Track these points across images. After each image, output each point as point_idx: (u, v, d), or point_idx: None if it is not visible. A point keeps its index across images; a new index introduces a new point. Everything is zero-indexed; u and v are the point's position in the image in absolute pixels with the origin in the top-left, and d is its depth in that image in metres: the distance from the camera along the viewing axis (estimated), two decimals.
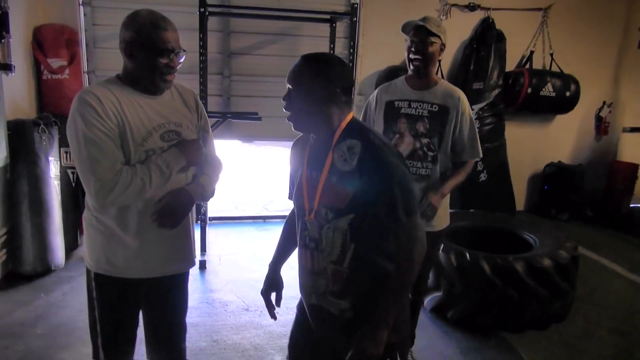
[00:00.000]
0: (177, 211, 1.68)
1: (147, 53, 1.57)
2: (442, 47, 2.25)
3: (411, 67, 2.27)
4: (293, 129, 1.51)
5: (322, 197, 1.47)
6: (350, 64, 4.04)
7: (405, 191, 1.40)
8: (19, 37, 3.69)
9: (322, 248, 1.49)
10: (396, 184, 1.39)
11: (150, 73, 1.61)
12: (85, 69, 4.28)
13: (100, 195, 1.52)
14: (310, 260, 1.55)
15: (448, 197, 2.38)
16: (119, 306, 1.77)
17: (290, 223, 1.76)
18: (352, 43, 3.97)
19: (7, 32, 1.91)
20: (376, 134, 1.50)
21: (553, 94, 4.92)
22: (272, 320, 1.79)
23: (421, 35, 2.19)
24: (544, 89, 4.89)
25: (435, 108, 2.26)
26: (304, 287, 1.62)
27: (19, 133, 3.36)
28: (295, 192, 1.61)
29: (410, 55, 2.25)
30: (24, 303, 3.18)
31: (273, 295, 1.81)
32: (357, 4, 4.20)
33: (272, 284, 1.81)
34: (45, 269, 3.54)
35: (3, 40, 1.93)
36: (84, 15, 4.22)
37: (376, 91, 2.46)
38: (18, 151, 3.37)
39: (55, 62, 3.92)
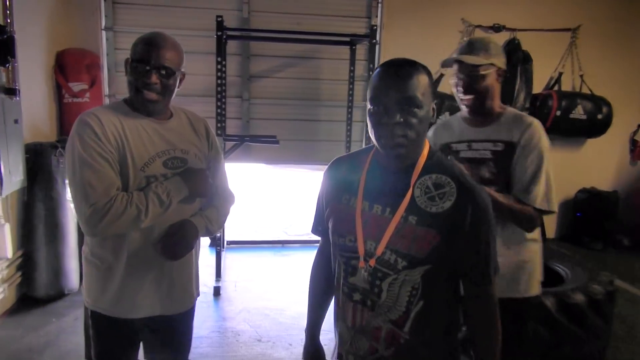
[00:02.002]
0: (180, 243, 1.56)
1: (131, 68, 1.52)
2: (501, 72, 1.82)
3: (463, 107, 1.89)
4: (395, 154, 1.20)
5: (392, 240, 1.19)
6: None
7: (495, 244, 1.23)
8: (41, 61, 3.76)
9: (380, 303, 1.22)
10: (491, 235, 1.20)
11: (130, 88, 1.55)
12: (106, 93, 4.32)
13: (91, 222, 1.43)
14: (352, 315, 1.27)
15: (537, 258, 1.91)
16: (115, 346, 1.68)
17: (322, 270, 1.47)
18: (371, 65, 3.88)
19: (13, 56, 1.87)
20: (462, 169, 1.27)
21: (584, 117, 4.71)
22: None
23: (467, 71, 1.79)
24: (574, 112, 4.69)
25: (499, 147, 1.80)
26: (340, 343, 1.35)
27: (36, 156, 3.37)
28: (338, 229, 1.30)
29: (460, 95, 1.84)
30: (34, 328, 3.13)
31: None
32: (376, 26, 4.13)
33: (313, 355, 1.51)
34: (58, 293, 3.50)
35: (8, 65, 1.88)
36: (106, 40, 4.28)
37: (430, 132, 2.00)
38: (35, 174, 3.37)
39: (76, 86, 3.96)
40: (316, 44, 4.46)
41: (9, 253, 3.17)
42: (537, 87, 4.87)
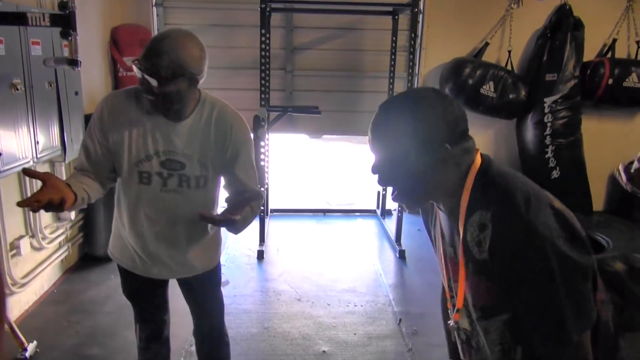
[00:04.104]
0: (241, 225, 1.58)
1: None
2: None
3: None
4: (406, 208, 1.16)
5: (465, 287, 1.08)
6: (411, 57, 3.93)
7: (573, 287, 0.92)
8: (98, 37, 4.00)
9: (481, 346, 1.10)
10: (558, 274, 0.91)
11: None
12: None
13: None
14: (464, 355, 1.21)
15: None
16: (136, 287, 1.87)
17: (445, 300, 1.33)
18: (412, 35, 3.87)
19: (74, 30, 2.05)
20: (515, 183, 1.00)
21: (639, 85, 4.51)
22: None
23: None
24: (627, 80, 4.49)
25: None
26: None
27: None
28: (439, 268, 1.23)
29: None
30: (96, 283, 3.43)
31: None
32: None
33: None
34: None
35: (70, 38, 2.07)
36: (157, 15, 4.47)
37: None
38: None
39: (129, 60, 4.19)
40: (358, 15, 4.48)
41: (72, 214, 3.47)
42: (590, 55, 4.68)
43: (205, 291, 1.91)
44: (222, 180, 1.74)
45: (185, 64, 1.46)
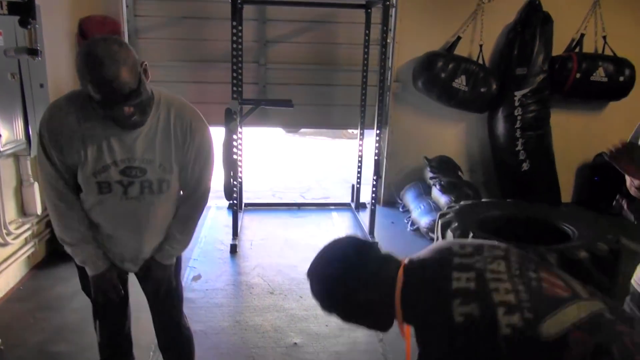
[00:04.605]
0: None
1: (99, 105, 1.41)
2: None
3: None
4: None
5: None
6: (383, 50, 3.95)
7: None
8: (65, 28, 3.91)
9: None
10: None
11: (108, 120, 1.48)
12: None
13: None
14: None
15: None
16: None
17: None
18: (385, 29, 3.88)
19: (34, 18, 2.00)
20: (429, 300, 1.13)
21: (605, 79, 4.61)
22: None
23: None
24: (594, 74, 4.59)
25: None
26: None
27: None
28: None
29: None
30: (63, 279, 3.36)
31: None
32: None
33: None
34: None
35: (29, 27, 2.01)
36: (126, 6, 4.38)
37: None
38: None
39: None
40: (331, 7, 4.47)
41: (39, 209, 3.39)
42: (558, 49, 4.78)
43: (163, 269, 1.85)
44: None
45: (135, 70, 1.41)
